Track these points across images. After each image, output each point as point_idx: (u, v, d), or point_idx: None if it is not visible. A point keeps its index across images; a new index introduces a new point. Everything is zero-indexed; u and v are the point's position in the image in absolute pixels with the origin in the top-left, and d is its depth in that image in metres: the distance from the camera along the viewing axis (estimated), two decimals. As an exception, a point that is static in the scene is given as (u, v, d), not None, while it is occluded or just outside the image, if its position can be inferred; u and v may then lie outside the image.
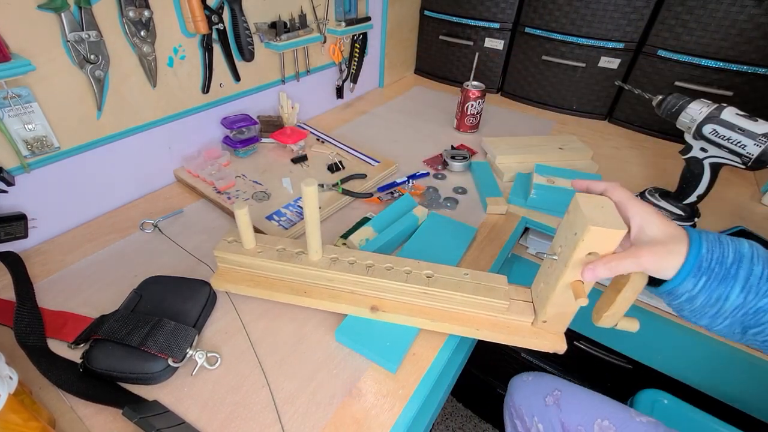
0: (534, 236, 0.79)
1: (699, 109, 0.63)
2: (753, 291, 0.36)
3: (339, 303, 0.52)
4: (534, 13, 1.06)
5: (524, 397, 0.68)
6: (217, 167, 0.77)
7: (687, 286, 0.37)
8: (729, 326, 0.38)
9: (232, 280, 0.54)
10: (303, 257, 0.53)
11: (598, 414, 0.60)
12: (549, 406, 0.64)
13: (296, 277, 0.54)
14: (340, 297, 0.53)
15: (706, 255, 0.37)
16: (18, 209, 0.59)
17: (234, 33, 0.78)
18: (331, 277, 0.52)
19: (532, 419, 0.65)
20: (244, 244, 0.53)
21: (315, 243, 0.51)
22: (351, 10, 0.99)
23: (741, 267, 0.36)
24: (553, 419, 0.63)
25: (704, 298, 0.37)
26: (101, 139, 0.66)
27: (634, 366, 0.87)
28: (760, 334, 0.37)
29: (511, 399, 0.70)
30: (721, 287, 0.36)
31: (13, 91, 0.54)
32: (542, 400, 0.65)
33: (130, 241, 0.65)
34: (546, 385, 0.67)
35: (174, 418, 0.42)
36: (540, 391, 0.66)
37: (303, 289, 0.53)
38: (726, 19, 0.85)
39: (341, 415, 0.44)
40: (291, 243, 0.55)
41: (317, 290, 0.53)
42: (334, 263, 0.52)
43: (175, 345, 0.46)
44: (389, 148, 0.93)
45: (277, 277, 0.54)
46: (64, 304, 0.54)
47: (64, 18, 0.55)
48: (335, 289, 0.53)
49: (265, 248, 0.54)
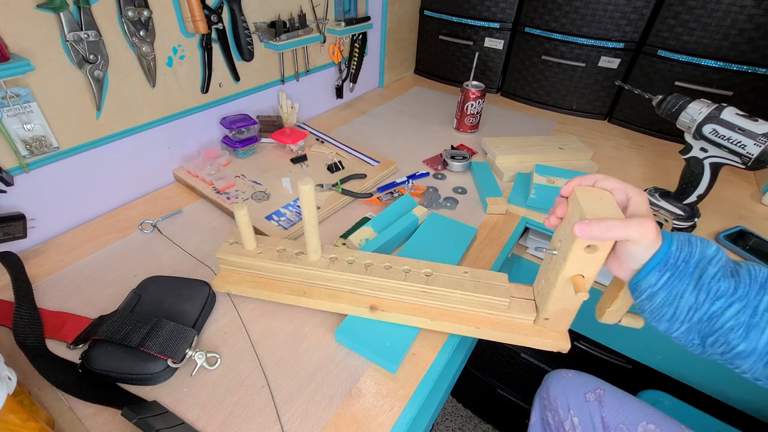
0: (534, 236, 0.79)
1: (699, 109, 0.63)
2: (704, 290, 0.36)
3: (338, 303, 0.52)
4: (534, 12, 1.06)
5: (562, 391, 0.68)
6: (217, 167, 0.77)
7: (650, 281, 0.38)
8: (686, 333, 0.38)
9: (234, 282, 0.54)
10: (303, 257, 0.53)
11: (644, 417, 0.60)
12: (590, 402, 0.64)
13: (296, 278, 0.54)
14: (339, 297, 0.52)
15: (675, 251, 0.37)
16: (17, 209, 0.59)
17: (233, 33, 0.78)
18: (330, 276, 0.52)
19: (568, 412, 0.65)
20: (244, 245, 0.53)
21: (314, 243, 0.51)
22: (350, 9, 0.99)
23: (698, 266, 0.37)
24: (594, 414, 0.63)
25: (664, 295, 0.37)
26: (100, 139, 0.66)
27: (634, 366, 0.87)
28: (717, 344, 0.36)
29: (546, 392, 0.70)
30: (679, 285, 0.37)
31: (12, 91, 0.53)
32: (582, 395, 0.65)
33: (129, 242, 0.65)
34: (588, 382, 0.67)
35: (173, 418, 0.42)
36: (580, 387, 0.66)
37: (303, 290, 0.53)
38: (726, 19, 0.85)
39: (341, 415, 0.44)
40: (291, 244, 0.55)
41: (317, 290, 0.53)
42: (333, 263, 0.52)
43: (175, 345, 0.46)
44: (389, 148, 0.93)
45: (277, 278, 0.54)
46: (63, 305, 0.54)
47: (63, 18, 0.55)
48: (334, 288, 0.53)
49: (266, 249, 0.54)
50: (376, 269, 0.51)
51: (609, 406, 0.62)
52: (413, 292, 0.51)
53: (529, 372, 1.08)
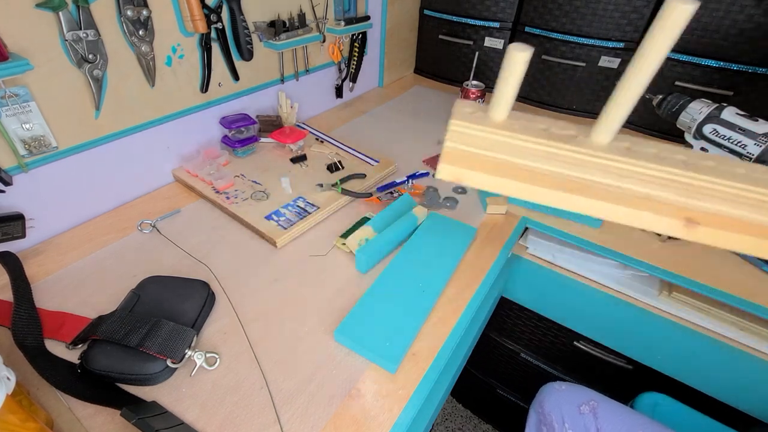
0: (534, 236, 0.78)
1: (699, 109, 0.63)
2: None
3: (635, 209, 0.33)
4: (534, 12, 1.06)
5: (556, 405, 0.68)
6: (216, 167, 0.77)
7: None
8: None
9: (467, 165, 0.36)
10: (580, 140, 0.34)
11: (640, 427, 0.60)
12: (584, 414, 0.64)
13: (561, 168, 0.35)
14: (632, 201, 0.33)
15: None
16: (15, 209, 0.59)
17: (233, 32, 0.78)
18: (624, 169, 0.33)
19: (563, 425, 0.65)
20: (495, 112, 0.35)
21: (612, 120, 0.32)
22: (350, 9, 0.99)
23: None
24: (589, 426, 0.63)
25: None
26: (99, 139, 0.66)
27: (634, 366, 0.87)
28: None
29: (540, 405, 0.70)
30: None
31: (11, 91, 0.53)
32: (576, 408, 0.65)
33: (128, 241, 0.65)
34: (581, 395, 0.67)
35: (173, 418, 0.42)
36: (574, 400, 0.67)
37: (575, 186, 0.34)
38: (726, 19, 0.85)
39: (340, 415, 0.44)
40: (554, 122, 0.36)
41: (595, 189, 0.34)
42: (629, 152, 0.33)
43: (174, 346, 0.46)
44: (389, 148, 0.93)
45: (531, 167, 0.35)
46: (61, 305, 0.54)
47: (62, 17, 0.55)
48: (621, 190, 0.34)
49: (521, 124, 0.35)
50: (699, 167, 0.33)
51: (604, 417, 0.63)
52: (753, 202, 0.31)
53: (529, 372, 1.08)
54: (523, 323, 1.00)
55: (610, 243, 0.69)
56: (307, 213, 0.69)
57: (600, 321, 0.76)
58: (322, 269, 0.62)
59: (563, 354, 0.98)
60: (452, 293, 0.59)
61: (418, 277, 0.59)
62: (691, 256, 0.67)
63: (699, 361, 0.69)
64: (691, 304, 0.67)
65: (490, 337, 1.08)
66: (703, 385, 0.72)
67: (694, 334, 0.67)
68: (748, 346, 0.64)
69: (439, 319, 0.55)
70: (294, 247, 0.66)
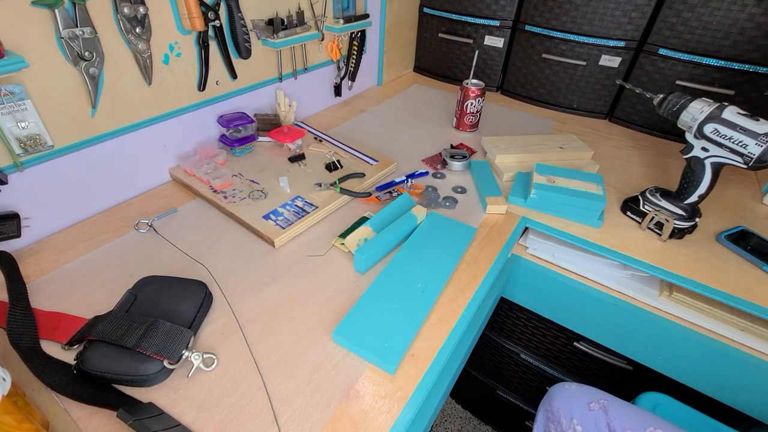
0: (534, 236, 0.78)
1: (700, 108, 0.62)
2: None
3: None
4: (534, 10, 1.05)
5: (565, 402, 0.68)
6: (213, 166, 0.77)
7: None
8: None
9: None
10: None
11: (651, 423, 0.60)
12: (594, 411, 0.64)
13: None
14: None
15: None
16: (11, 208, 0.59)
17: (231, 30, 0.78)
18: None
19: (571, 422, 0.66)
20: None
21: None
22: (349, 7, 0.98)
23: None
24: (599, 422, 0.63)
25: None
26: (95, 138, 0.65)
27: (634, 367, 0.87)
28: None
29: (550, 404, 0.70)
30: None
31: (6, 89, 0.53)
32: (586, 405, 0.66)
33: (124, 241, 0.64)
34: (591, 394, 0.67)
35: (169, 420, 0.41)
36: (584, 398, 0.67)
37: None
38: (727, 18, 0.85)
39: (339, 417, 0.43)
40: None
41: None
42: None
43: (171, 346, 0.45)
44: (388, 147, 0.93)
45: None
46: (57, 305, 0.53)
47: (58, 14, 0.54)
48: None
49: None
50: None
51: (614, 414, 0.63)
52: None
53: (529, 373, 1.08)
54: (523, 324, 0.99)
55: (610, 243, 0.68)
56: (305, 212, 0.69)
57: (600, 321, 0.76)
58: (321, 269, 0.61)
59: (563, 355, 0.98)
60: (452, 293, 0.58)
61: (418, 277, 0.58)
62: (692, 256, 0.67)
63: (699, 361, 0.69)
64: (692, 304, 0.67)
65: (490, 337, 1.08)
66: (703, 386, 0.72)
67: (694, 335, 0.67)
68: (749, 347, 0.64)
69: (439, 320, 0.55)
70: (292, 246, 0.65)
